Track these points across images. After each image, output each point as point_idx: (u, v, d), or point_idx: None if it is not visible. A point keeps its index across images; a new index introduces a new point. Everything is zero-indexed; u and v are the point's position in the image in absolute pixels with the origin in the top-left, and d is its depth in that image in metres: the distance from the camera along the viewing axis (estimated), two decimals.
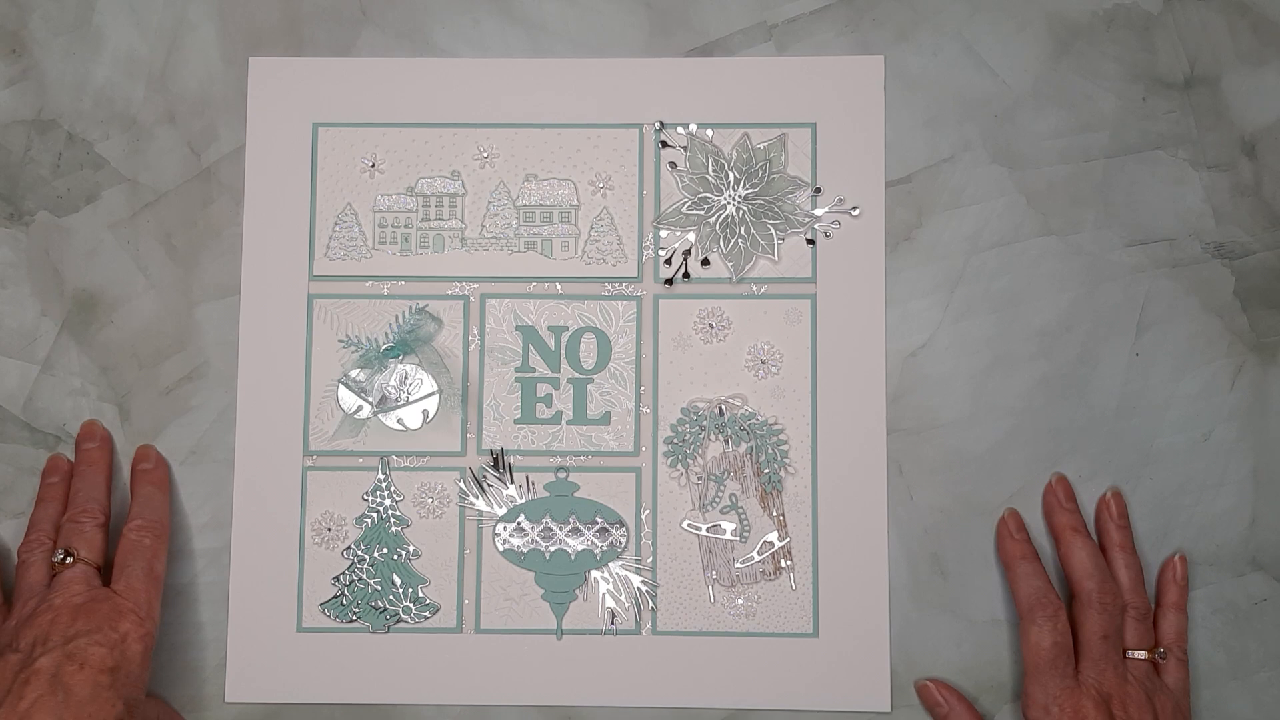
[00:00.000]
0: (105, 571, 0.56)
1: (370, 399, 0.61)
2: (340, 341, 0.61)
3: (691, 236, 0.61)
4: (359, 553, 0.60)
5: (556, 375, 0.61)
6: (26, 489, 0.60)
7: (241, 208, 0.61)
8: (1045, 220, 0.61)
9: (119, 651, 0.52)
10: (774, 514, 0.60)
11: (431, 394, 0.61)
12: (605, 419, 0.61)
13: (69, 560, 0.55)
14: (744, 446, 0.60)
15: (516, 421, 0.61)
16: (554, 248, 0.61)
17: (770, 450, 0.60)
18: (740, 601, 0.60)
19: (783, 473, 0.60)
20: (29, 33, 0.62)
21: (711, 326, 0.61)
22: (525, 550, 0.60)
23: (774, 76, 0.62)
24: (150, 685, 0.59)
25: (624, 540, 0.60)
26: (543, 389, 0.61)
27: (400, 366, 0.61)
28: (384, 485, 0.60)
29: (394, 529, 0.60)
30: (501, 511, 0.60)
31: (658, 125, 0.62)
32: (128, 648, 0.53)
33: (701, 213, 0.61)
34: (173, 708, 0.59)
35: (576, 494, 0.60)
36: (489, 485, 0.60)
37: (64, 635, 0.52)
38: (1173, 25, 0.62)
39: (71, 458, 0.60)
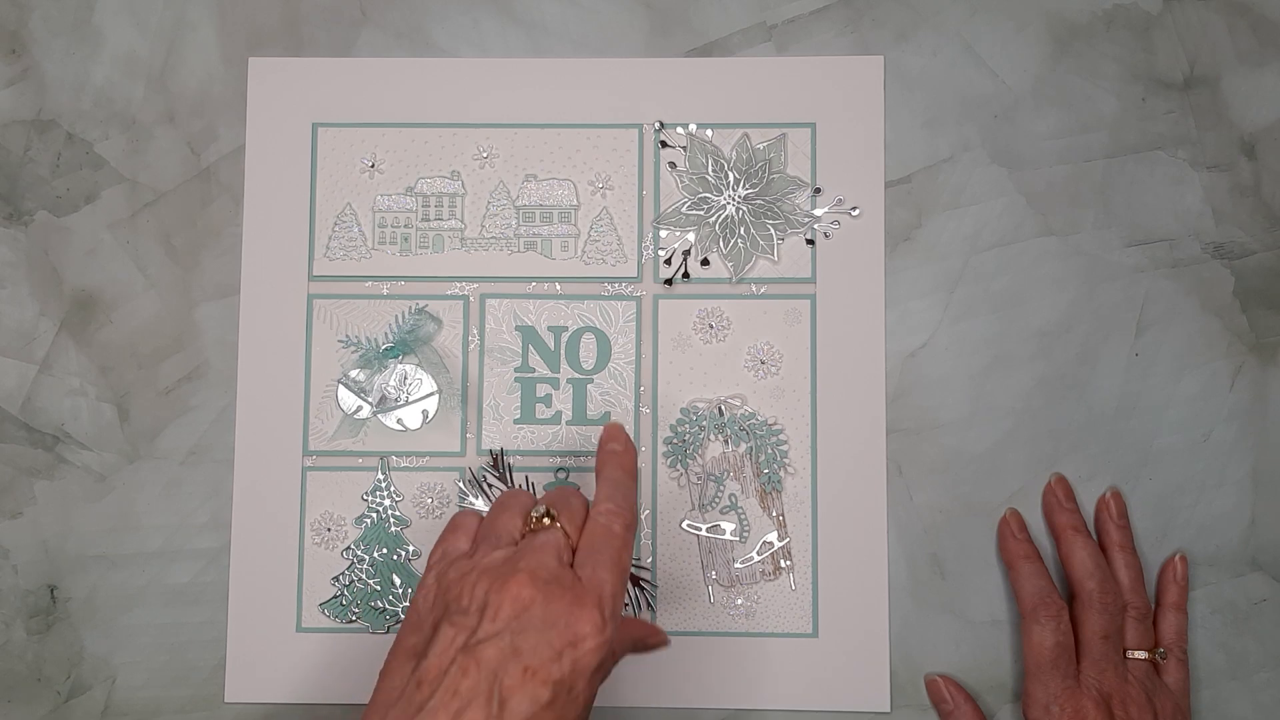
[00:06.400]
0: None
1: (370, 399, 0.61)
2: (340, 341, 0.61)
3: (691, 236, 0.61)
4: (358, 553, 0.60)
5: (556, 375, 0.61)
6: (25, 489, 0.60)
7: (241, 208, 0.61)
8: (1045, 220, 0.61)
9: (568, 661, 0.43)
10: (773, 514, 0.60)
11: (431, 394, 0.61)
12: (605, 419, 0.61)
13: (547, 520, 0.47)
14: (743, 446, 0.60)
15: (516, 422, 0.61)
16: (554, 248, 0.61)
17: (770, 450, 0.60)
18: (740, 601, 0.60)
19: (782, 473, 0.60)
20: (29, 33, 0.62)
21: (711, 327, 0.61)
22: None
23: (774, 76, 0.62)
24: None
25: None
26: (542, 389, 0.61)
27: (400, 366, 0.61)
28: (383, 485, 0.60)
29: (393, 529, 0.60)
30: None
31: (657, 125, 0.62)
32: (580, 659, 0.43)
33: (701, 213, 0.61)
34: None
35: None
36: (488, 485, 0.60)
37: (515, 615, 0.43)
38: (1172, 25, 0.62)
39: (71, 457, 0.60)
